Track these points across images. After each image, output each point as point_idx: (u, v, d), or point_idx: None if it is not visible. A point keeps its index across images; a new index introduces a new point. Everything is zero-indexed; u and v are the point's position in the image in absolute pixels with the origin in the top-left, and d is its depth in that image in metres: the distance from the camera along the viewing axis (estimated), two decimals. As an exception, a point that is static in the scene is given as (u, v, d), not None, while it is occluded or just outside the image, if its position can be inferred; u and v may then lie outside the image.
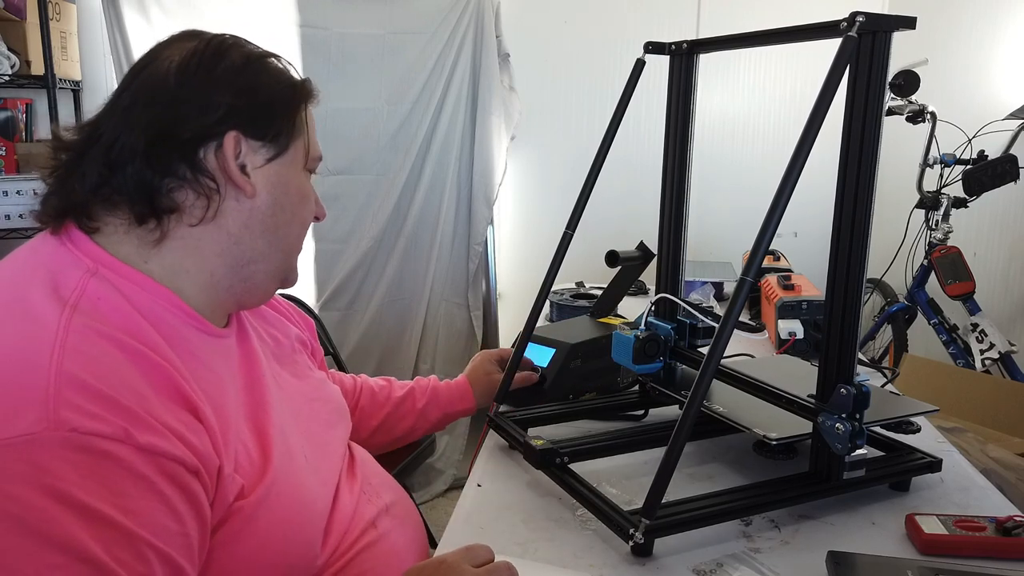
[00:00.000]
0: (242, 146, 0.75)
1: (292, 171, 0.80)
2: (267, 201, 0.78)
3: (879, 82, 0.89)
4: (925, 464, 1.04)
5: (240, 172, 0.75)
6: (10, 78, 2.50)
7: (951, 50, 2.78)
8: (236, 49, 0.77)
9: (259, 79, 0.77)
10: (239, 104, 0.74)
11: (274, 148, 0.78)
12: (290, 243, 0.83)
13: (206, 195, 0.73)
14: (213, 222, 0.75)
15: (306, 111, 0.82)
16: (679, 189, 1.23)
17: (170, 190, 0.72)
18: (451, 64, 2.99)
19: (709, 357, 0.84)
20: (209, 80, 0.74)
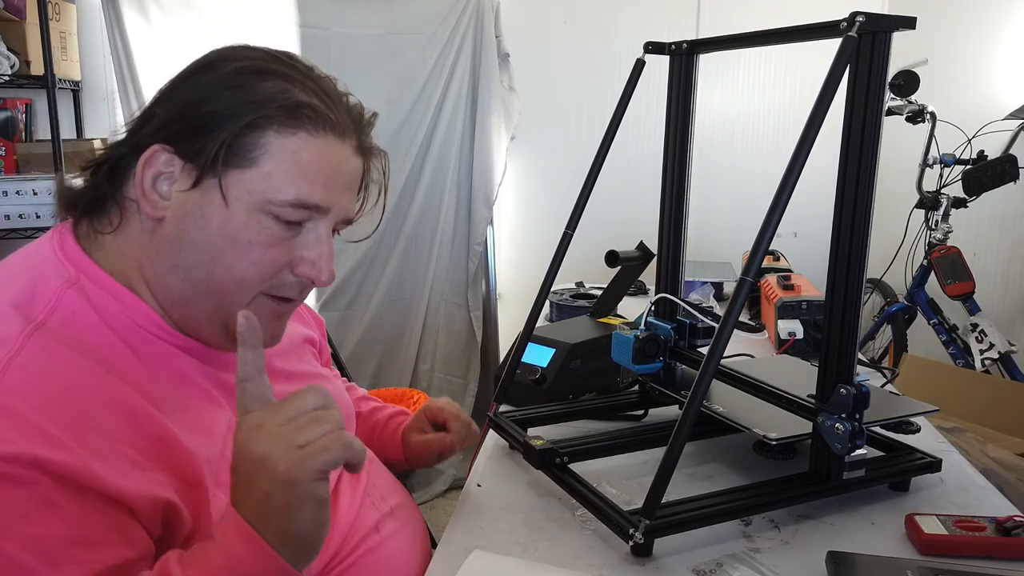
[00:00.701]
0: (174, 165, 0.66)
1: (212, 205, 0.66)
2: (171, 230, 0.67)
3: (879, 82, 0.89)
4: (925, 464, 1.04)
5: (152, 192, 0.66)
6: (10, 78, 2.50)
7: (951, 50, 2.78)
8: (238, 62, 0.69)
9: (223, 92, 0.66)
10: (175, 118, 0.66)
11: (195, 173, 0.66)
12: (214, 291, 0.68)
13: (117, 203, 0.69)
14: (123, 233, 0.70)
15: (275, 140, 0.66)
16: (679, 189, 1.23)
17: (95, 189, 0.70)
18: (451, 64, 2.99)
19: (709, 357, 0.84)
20: (170, 92, 0.70)
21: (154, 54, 2.83)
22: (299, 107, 0.67)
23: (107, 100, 3.03)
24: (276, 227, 0.68)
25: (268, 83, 0.67)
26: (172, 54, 2.85)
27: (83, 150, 2.76)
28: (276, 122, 0.66)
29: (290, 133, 0.66)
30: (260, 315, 0.66)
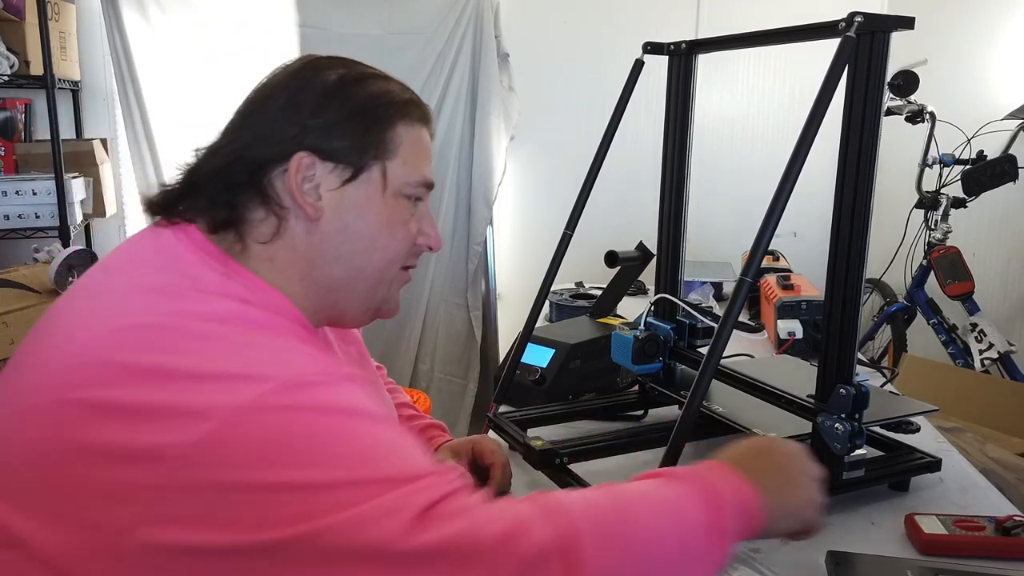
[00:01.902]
0: (316, 168, 0.72)
1: (371, 195, 0.75)
2: (335, 226, 0.74)
3: (878, 82, 0.89)
4: (924, 464, 1.04)
5: (306, 194, 0.72)
6: (9, 78, 2.50)
7: (950, 50, 2.78)
8: (336, 70, 0.75)
9: (345, 98, 0.74)
10: (315, 124, 0.72)
11: (349, 170, 0.73)
12: (372, 273, 0.77)
13: (273, 213, 0.72)
14: (283, 241, 0.73)
15: (402, 131, 0.76)
16: (678, 189, 1.23)
17: (236, 206, 0.72)
18: (450, 64, 2.99)
19: (708, 357, 0.84)
20: (293, 101, 0.73)
21: (153, 54, 2.83)
22: (412, 103, 0.78)
23: (106, 100, 3.03)
24: (408, 206, 0.78)
25: (374, 85, 0.76)
26: (172, 54, 2.85)
27: (82, 150, 2.77)
28: (402, 116, 0.76)
29: (410, 124, 0.77)
30: (395, 286, 0.81)
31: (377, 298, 0.80)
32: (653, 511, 0.62)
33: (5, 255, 2.71)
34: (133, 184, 3.02)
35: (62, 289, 1.94)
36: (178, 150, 3.27)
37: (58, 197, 2.46)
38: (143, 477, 0.53)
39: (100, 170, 2.81)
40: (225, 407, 0.54)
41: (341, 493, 0.53)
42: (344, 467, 0.55)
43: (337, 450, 0.56)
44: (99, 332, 0.61)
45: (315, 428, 0.56)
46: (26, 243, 2.52)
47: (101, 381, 0.57)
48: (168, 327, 0.60)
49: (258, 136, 0.73)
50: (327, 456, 0.55)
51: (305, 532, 0.52)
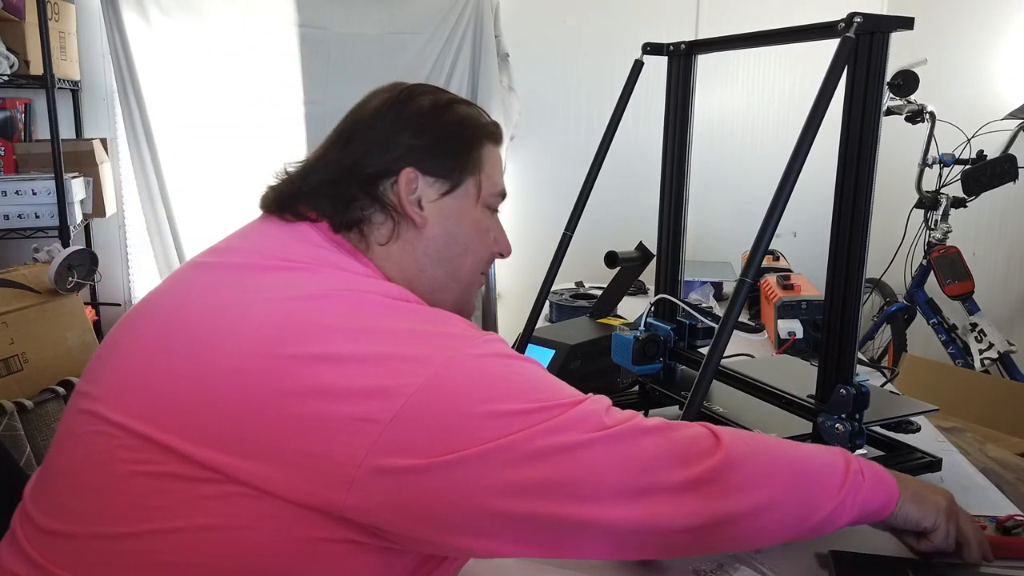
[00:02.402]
0: (418, 182, 0.81)
1: (465, 205, 0.85)
2: (439, 232, 0.83)
3: (877, 82, 0.89)
4: (925, 464, 1.04)
5: (413, 205, 0.81)
6: (9, 78, 2.50)
7: (950, 50, 2.78)
8: (427, 96, 0.85)
9: (440, 121, 0.84)
10: (418, 144, 0.81)
11: (448, 184, 0.83)
12: (465, 275, 0.87)
13: (391, 217, 0.81)
14: (397, 244, 0.81)
15: (486, 151, 0.86)
16: (678, 189, 1.23)
17: (363, 208, 0.80)
18: (450, 64, 2.99)
19: (709, 357, 0.84)
20: (396, 123, 0.82)
21: (153, 54, 2.83)
22: (492, 124, 0.88)
23: (106, 100, 3.04)
24: (489, 215, 0.89)
25: (461, 110, 0.86)
26: (171, 53, 2.85)
27: (82, 150, 2.77)
28: (486, 136, 0.86)
29: (492, 145, 0.88)
30: (476, 288, 0.92)
31: (464, 299, 0.89)
32: (795, 447, 0.75)
33: (5, 255, 2.71)
34: (133, 184, 3.02)
35: (62, 289, 1.94)
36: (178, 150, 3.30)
37: (58, 197, 2.47)
38: (374, 412, 0.61)
39: (100, 170, 2.81)
40: (435, 357, 0.64)
41: (536, 416, 0.64)
42: (534, 398, 0.66)
43: (526, 385, 0.68)
44: (294, 300, 0.68)
45: (507, 370, 0.68)
46: (26, 243, 2.53)
47: (318, 339, 0.65)
48: (363, 299, 0.70)
49: (368, 151, 0.81)
50: (521, 390, 0.67)
51: (512, 442, 0.63)
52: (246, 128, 2.98)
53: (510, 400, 0.65)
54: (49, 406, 1.79)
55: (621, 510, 0.64)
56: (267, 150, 2.96)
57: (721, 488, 0.68)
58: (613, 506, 0.64)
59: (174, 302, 0.74)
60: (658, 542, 0.68)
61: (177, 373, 0.66)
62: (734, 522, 0.68)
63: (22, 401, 1.72)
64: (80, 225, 2.71)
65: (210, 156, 2.99)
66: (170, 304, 0.74)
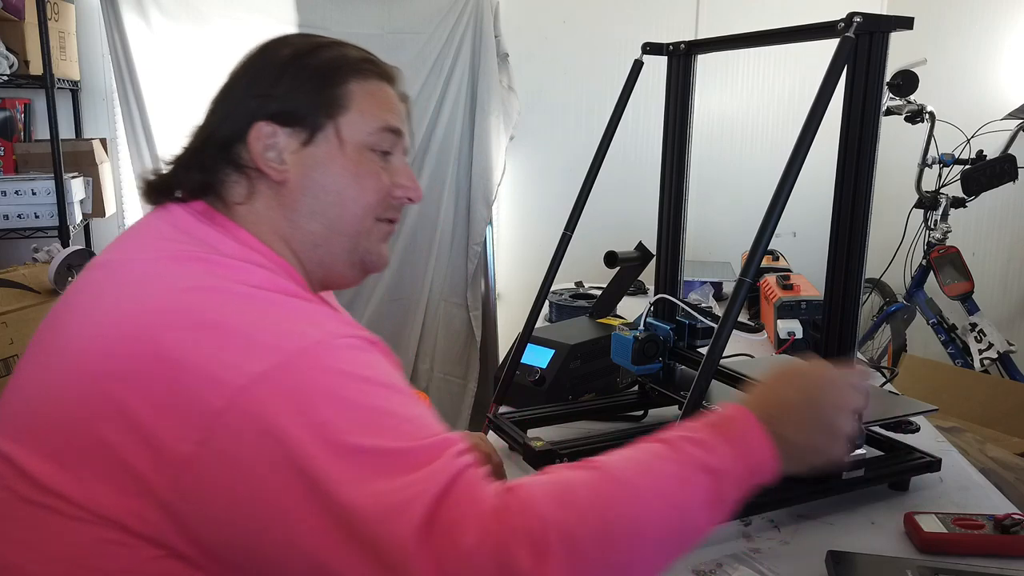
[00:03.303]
0: (277, 136, 0.78)
1: (331, 151, 0.79)
2: (303, 184, 0.79)
3: (877, 82, 0.89)
4: (924, 464, 1.04)
5: (269, 160, 0.78)
6: (8, 78, 2.50)
7: (950, 50, 2.78)
8: (290, 46, 0.81)
9: (299, 68, 0.79)
10: (272, 94, 0.78)
11: (306, 132, 0.78)
12: (348, 226, 0.81)
13: (246, 176, 0.78)
14: (261, 202, 0.79)
15: (355, 87, 0.80)
16: (678, 189, 1.23)
17: (219, 172, 0.78)
18: (450, 64, 2.99)
19: (708, 357, 0.84)
20: (253, 79, 0.80)
21: (153, 53, 2.83)
22: (364, 60, 0.83)
23: (106, 100, 3.03)
24: (376, 158, 0.82)
25: (326, 52, 0.81)
26: (171, 53, 2.85)
27: (82, 150, 2.77)
28: (354, 73, 0.81)
29: (365, 79, 0.81)
30: (377, 239, 0.85)
31: (360, 250, 0.83)
32: (644, 498, 0.62)
33: (4, 255, 2.71)
34: (132, 184, 3.02)
35: (61, 289, 1.94)
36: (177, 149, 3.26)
37: (57, 197, 2.46)
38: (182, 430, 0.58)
39: (99, 170, 2.81)
40: (266, 359, 0.60)
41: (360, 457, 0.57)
42: (367, 434, 0.59)
43: (358, 415, 0.60)
44: (155, 299, 0.65)
45: (340, 390, 0.61)
46: (25, 243, 2.53)
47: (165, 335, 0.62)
48: (219, 290, 0.66)
49: (226, 115, 0.80)
50: (350, 419, 0.59)
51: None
52: (245, 128, 2.97)
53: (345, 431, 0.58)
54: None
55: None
56: (267, 150, 2.96)
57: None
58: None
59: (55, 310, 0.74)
60: None
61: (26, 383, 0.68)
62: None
63: (22, 401, 1.72)
64: (80, 225, 2.71)
65: (210, 156, 2.99)
66: (52, 313, 0.74)
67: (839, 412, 0.73)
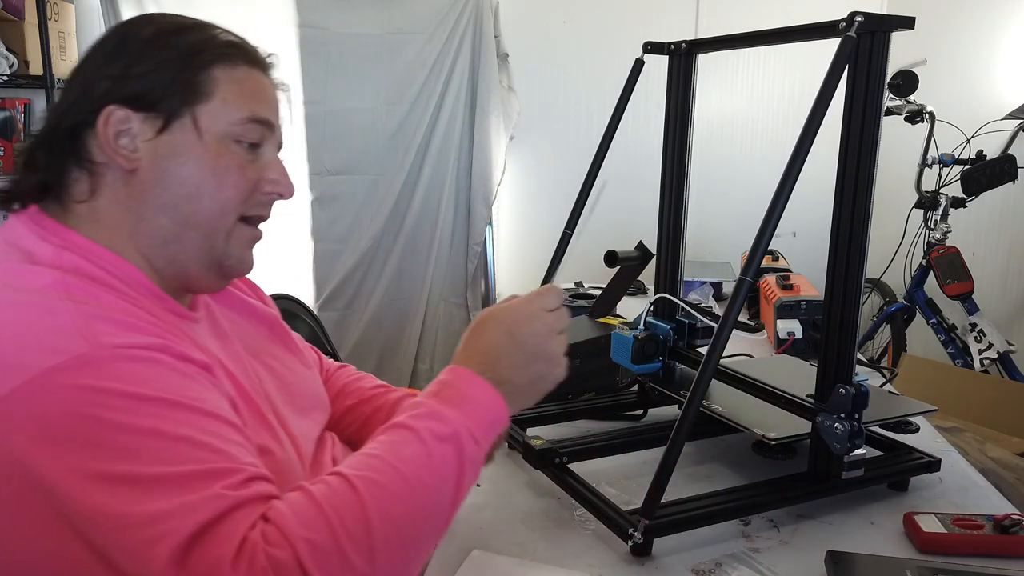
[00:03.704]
0: (130, 122, 0.71)
1: (188, 140, 0.73)
2: (155, 175, 0.72)
3: (878, 82, 0.89)
4: (924, 464, 1.04)
5: (121, 147, 0.71)
6: (8, 78, 2.50)
7: (950, 50, 2.78)
8: (152, 25, 0.75)
9: (158, 48, 0.73)
10: (125, 76, 0.71)
11: (161, 118, 0.72)
12: (204, 222, 0.75)
13: (88, 171, 0.72)
14: (105, 198, 0.72)
15: (219, 73, 0.74)
16: (678, 189, 1.23)
17: (58, 168, 0.72)
18: (450, 64, 2.99)
19: (708, 357, 0.84)
20: (105, 60, 0.73)
21: (153, 54, 2.83)
22: (232, 45, 0.77)
23: (106, 100, 3.03)
24: (241, 151, 0.75)
25: (192, 35, 0.75)
26: (171, 54, 2.85)
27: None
28: (219, 59, 0.75)
29: (232, 66, 0.75)
30: (239, 242, 0.77)
31: (216, 251, 0.76)
32: (396, 489, 0.61)
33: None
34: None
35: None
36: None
37: (57, 197, 2.46)
38: None
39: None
40: (13, 380, 0.56)
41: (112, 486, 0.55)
42: (121, 459, 0.56)
43: (113, 438, 0.56)
44: None
45: (96, 410, 0.57)
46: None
47: None
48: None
49: (74, 98, 0.73)
50: (102, 443, 0.56)
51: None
52: (245, 128, 2.97)
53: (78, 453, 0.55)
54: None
55: None
56: (267, 150, 2.96)
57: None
58: None
59: None
60: None
61: None
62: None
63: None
64: (79, 225, 2.71)
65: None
66: None
67: (545, 338, 0.74)
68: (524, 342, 0.74)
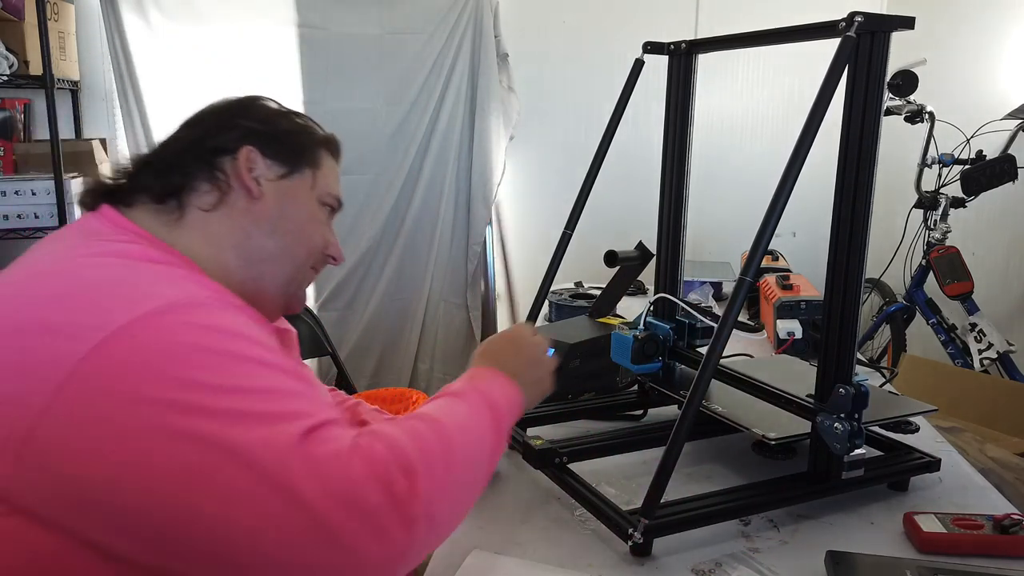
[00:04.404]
0: (258, 162, 0.85)
1: (303, 190, 0.89)
2: (274, 207, 0.86)
3: (877, 82, 0.89)
4: (924, 464, 1.04)
5: (251, 178, 0.85)
6: (8, 78, 2.50)
7: (950, 50, 2.78)
8: (271, 102, 0.93)
9: (280, 117, 0.92)
10: (259, 129, 0.87)
11: (285, 168, 0.88)
12: (298, 256, 0.89)
13: (218, 187, 0.84)
14: (223, 211, 0.83)
15: (322, 154, 0.93)
16: (678, 189, 1.23)
17: (188, 175, 0.84)
18: (450, 64, 2.99)
19: (708, 357, 0.84)
20: (237, 112, 0.90)
21: (153, 54, 2.83)
22: (331, 138, 0.96)
23: (106, 100, 3.03)
24: (325, 214, 0.93)
25: (302, 119, 0.94)
26: (171, 53, 2.85)
27: (82, 150, 2.76)
28: (325, 144, 0.94)
29: (329, 154, 0.95)
30: (305, 283, 0.93)
31: (293, 284, 0.90)
32: (459, 429, 0.73)
33: (4, 255, 2.71)
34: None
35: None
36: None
37: (57, 197, 2.46)
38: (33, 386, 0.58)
39: (99, 170, 2.81)
40: (116, 321, 0.60)
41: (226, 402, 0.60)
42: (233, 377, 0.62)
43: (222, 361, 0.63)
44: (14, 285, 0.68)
45: (203, 343, 0.63)
46: (25, 243, 2.51)
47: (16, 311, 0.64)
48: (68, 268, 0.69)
49: (218, 128, 0.87)
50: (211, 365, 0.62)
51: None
52: (245, 128, 2.97)
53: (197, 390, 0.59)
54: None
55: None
56: (266, 150, 2.96)
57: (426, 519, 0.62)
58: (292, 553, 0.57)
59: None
60: None
61: None
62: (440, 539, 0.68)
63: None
64: (79, 225, 2.70)
65: (209, 156, 2.99)
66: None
67: (540, 350, 0.95)
68: (524, 351, 0.92)
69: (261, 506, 0.57)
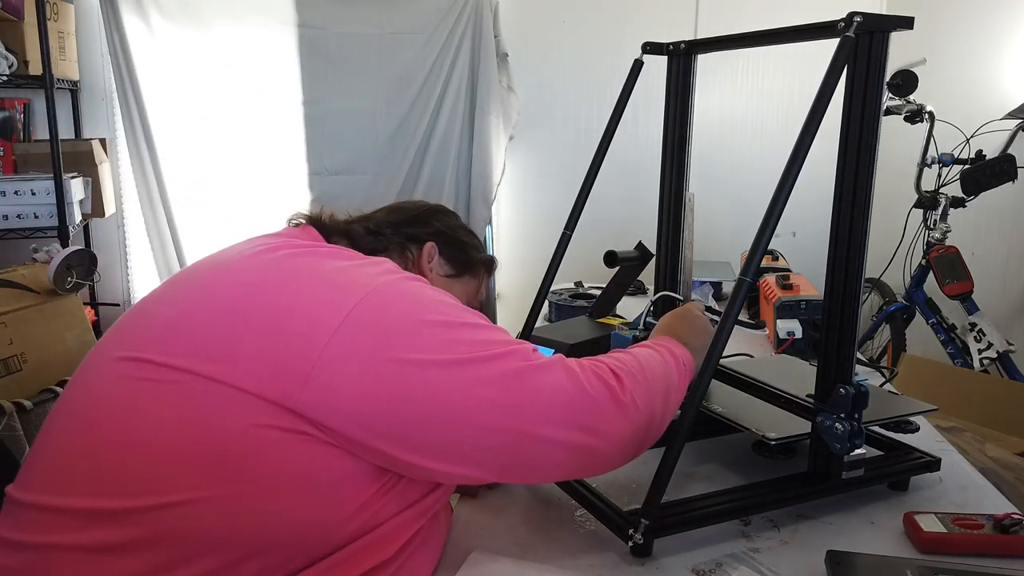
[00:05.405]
0: (435, 256, 1.06)
1: (459, 291, 1.08)
2: None
3: (877, 82, 0.89)
4: (924, 463, 1.04)
5: (428, 267, 1.05)
6: (8, 78, 2.50)
7: (949, 50, 2.78)
8: (454, 216, 1.14)
9: (461, 229, 1.12)
10: (442, 231, 1.08)
11: (453, 270, 1.09)
12: None
13: (404, 262, 1.03)
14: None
15: (482, 271, 1.14)
16: (677, 189, 1.23)
17: (384, 245, 1.03)
18: (449, 64, 2.99)
19: (708, 356, 0.84)
20: (432, 213, 1.11)
21: (152, 54, 2.83)
22: (492, 260, 1.17)
23: (105, 100, 3.03)
24: None
25: (476, 238, 1.15)
26: (170, 53, 2.85)
27: (81, 150, 2.76)
28: (485, 263, 1.15)
29: (486, 272, 1.15)
30: None
31: None
32: (655, 366, 0.90)
33: (4, 255, 2.71)
34: (132, 184, 3.02)
35: (61, 289, 1.94)
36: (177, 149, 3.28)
37: (57, 197, 2.46)
38: (325, 317, 0.72)
39: (99, 170, 2.81)
40: (374, 281, 0.77)
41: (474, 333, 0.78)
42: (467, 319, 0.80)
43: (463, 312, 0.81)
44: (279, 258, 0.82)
45: (434, 295, 0.82)
46: (25, 243, 2.52)
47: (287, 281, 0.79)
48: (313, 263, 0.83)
49: (410, 218, 1.09)
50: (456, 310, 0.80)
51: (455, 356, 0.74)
52: (245, 128, 2.97)
53: (446, 313, 0.78)
54: (48, 406, 1.79)
55: (564, 434, 0.76)
56: (266, 150, 2.96)
57: (636, 406, 0.82)
58: (558, 429, 0.76)
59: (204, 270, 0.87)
60: (596, 462, 0.81)
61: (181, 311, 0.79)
62: (650, 433, 0.85)
63: (21, 401, 1.72)
64: (79, 225, 2.71)
65: (209, 156, 2.99)
66: (201, 271, 0.86)
67: (705, 328, 1.05)
68: (695, 323, 1.05)
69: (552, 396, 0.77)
